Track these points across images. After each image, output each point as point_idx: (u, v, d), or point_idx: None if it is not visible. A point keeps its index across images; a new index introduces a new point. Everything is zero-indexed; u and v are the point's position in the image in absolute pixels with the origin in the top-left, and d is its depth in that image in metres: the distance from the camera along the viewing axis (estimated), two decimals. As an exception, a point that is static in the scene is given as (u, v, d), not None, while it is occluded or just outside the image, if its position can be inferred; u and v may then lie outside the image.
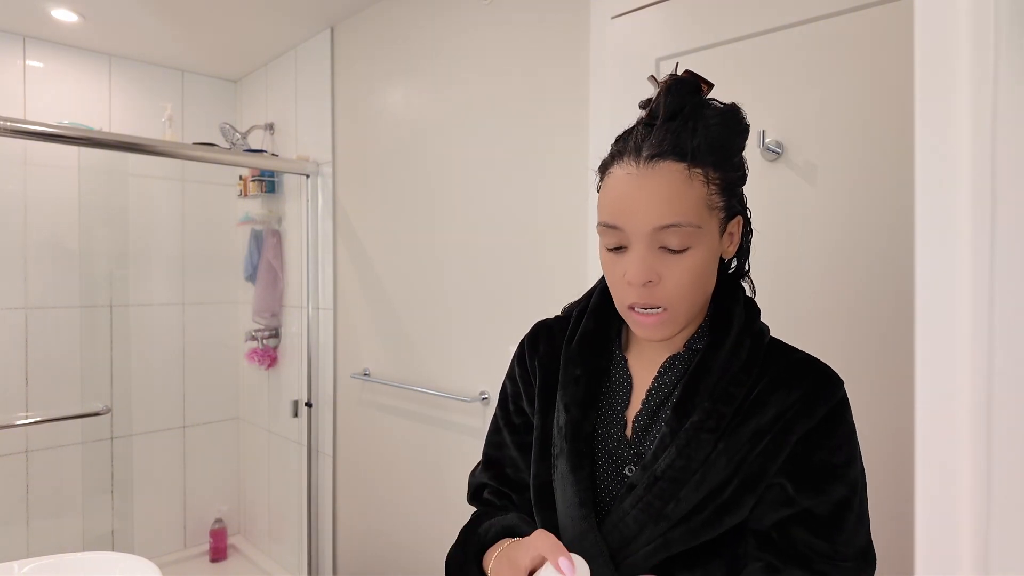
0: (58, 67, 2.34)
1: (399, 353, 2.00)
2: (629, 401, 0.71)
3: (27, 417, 2.20)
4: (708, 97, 0.68)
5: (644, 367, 0.72)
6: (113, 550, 2.08)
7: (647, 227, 0.61)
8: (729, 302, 0.70)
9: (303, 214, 2.36)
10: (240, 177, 2.60)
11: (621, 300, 0.66)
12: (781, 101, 1.12)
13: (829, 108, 1.06)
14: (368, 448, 2.13)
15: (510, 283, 1.63)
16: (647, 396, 0.70)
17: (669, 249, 0.62)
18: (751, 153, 1.14)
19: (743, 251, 0.74)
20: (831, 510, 0.62)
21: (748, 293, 0.74)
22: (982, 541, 0.45)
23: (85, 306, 2.39)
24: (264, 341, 2.56)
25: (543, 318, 0.84)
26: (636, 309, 0.65)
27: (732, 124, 0.66)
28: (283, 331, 2.57)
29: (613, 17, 1.36)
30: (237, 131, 2.49)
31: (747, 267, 0.76)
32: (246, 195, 2.56)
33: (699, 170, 0.62)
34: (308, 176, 2.31)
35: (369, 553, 2.13)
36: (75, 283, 2.36)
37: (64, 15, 2.10)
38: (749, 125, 0.68)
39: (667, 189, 0.61)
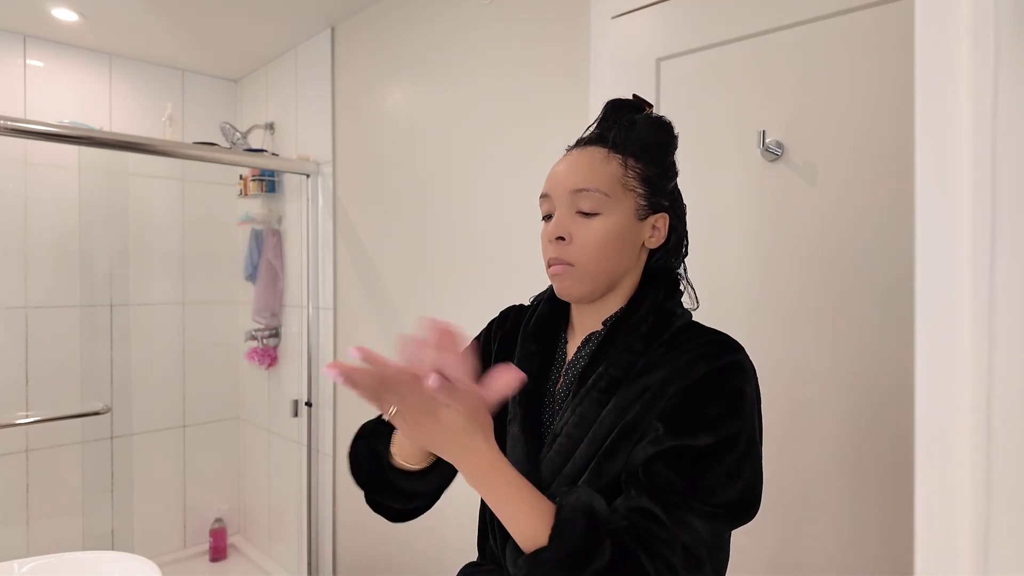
0: (58, 66, 2.34)
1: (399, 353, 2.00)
2: (560, 376, 0.78)
3: (27, 416, 2.20)
4: (650, 113, 0.78)
5: (575, 346, 0.79)
6: (113, 549, 2.08)
7: (565, 190, 0.73)
8: (648, 289, 0.76)
9: (303, 214, 2.36)
10: (240, 177, 2.60)
11: (545, 258, 0.76)
12: (781, 101, 1.12)
13: (829, 108, 1.06)
14: (368, 448, 2.12)
15: (511, 282, 1.63)
16: (565, 370, 0.77)
17: (583, 213, 0.72)
18: (751, 153, 1.15)
19: (672, 250, 0.78)
20: (693, 454, 0.63)
21: (689, 304, 0.80)
22: (982, 541, 0.45)
23: (85, 306, 2.39)
24: (264, 341, 2.56)
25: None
26: (551, 264, 0.74)
27: (656, 127, 0.76)
28: (283, 331, 2.57)
29: (613, 17, 1.36)
30: (237, 131, 2.49)
31: (680, 267, 0.81)
32: (246, 195, 2.56)
33: (618, 155, 0.73)
34: (308, 176, 2.31)
35: (369, 553, 2.13)
36: (75, 283, 2.36)
37: (64, 14, 2.10)
38: (676, 136, 0.78)
39: (587, 163, 0.73)
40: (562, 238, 0.72)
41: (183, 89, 2.65)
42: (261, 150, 2.44)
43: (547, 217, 0.76)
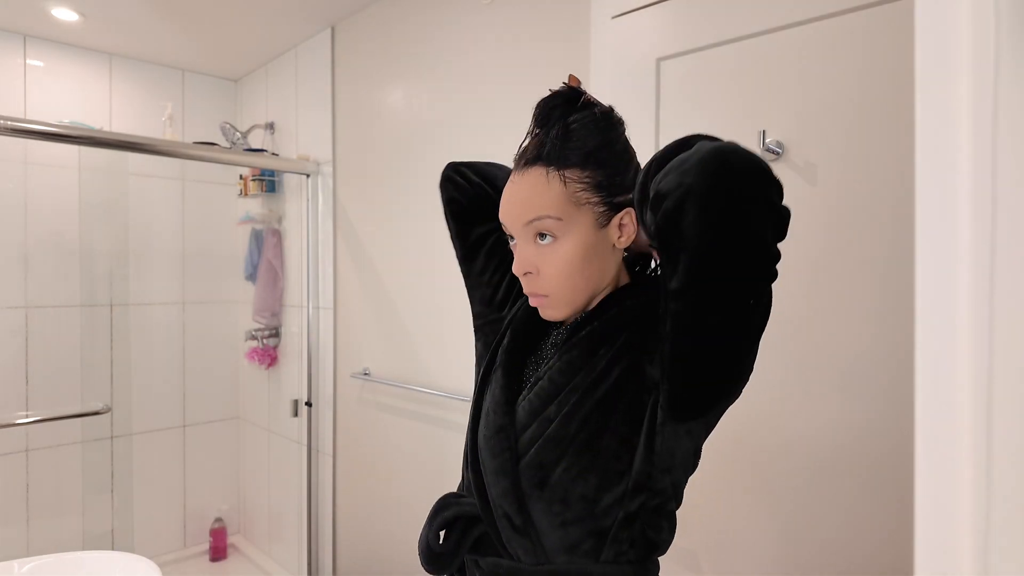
0: (59, 66, 2.34)
1: (399, 353, 2.00)
2: (550, 335, 0.80)
3: (27, 416, 2.20)
4: (586, 102, 0.73)
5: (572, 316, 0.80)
6: (113, 549, 2.08)
7: (518, 224, 0.72)
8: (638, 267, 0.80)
9: (303, 214, 2.36)
10: (240, 176, 2.60)
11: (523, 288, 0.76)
12: (781, 101, 1.12)
13: (829, 108, 1.06)
14: (368, 448, 2.13)
15: (510, 283, 1.63)
16: (556, 331, 0.79)
17: (542, 238, 0.71)
18: (751, 153, 1.15)
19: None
20: None
21: None
22: (982, 541, 0.45)
23: (85, 305, 2.39)
24: (264, 340, 2.56)
25: None
26: (529, 296, 0.75)
27: (591, 128, 0.71)
28: (283, 330, 2.57)
29: (613, 17, 1.36)
30: (237, 130, 2.49)
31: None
32: (246, 194, 2.56)
33: (558, 171, 0.70)
34: (308, 176, 2.31)
35: (369, 553, 2.13)
36: (75, 282, 2.36)
37: (64, 14, 2.10)
38: (619, 122, 0.74)
39: (529, 191, 0.71)
40: (529, 272, 0.73)
41: (183, 89, 2.65)
42: (261, 150, 2.44)
43: (512, 238, 0.76)
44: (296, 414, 2.40)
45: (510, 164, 0.79)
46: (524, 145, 0.75)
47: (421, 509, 1.92)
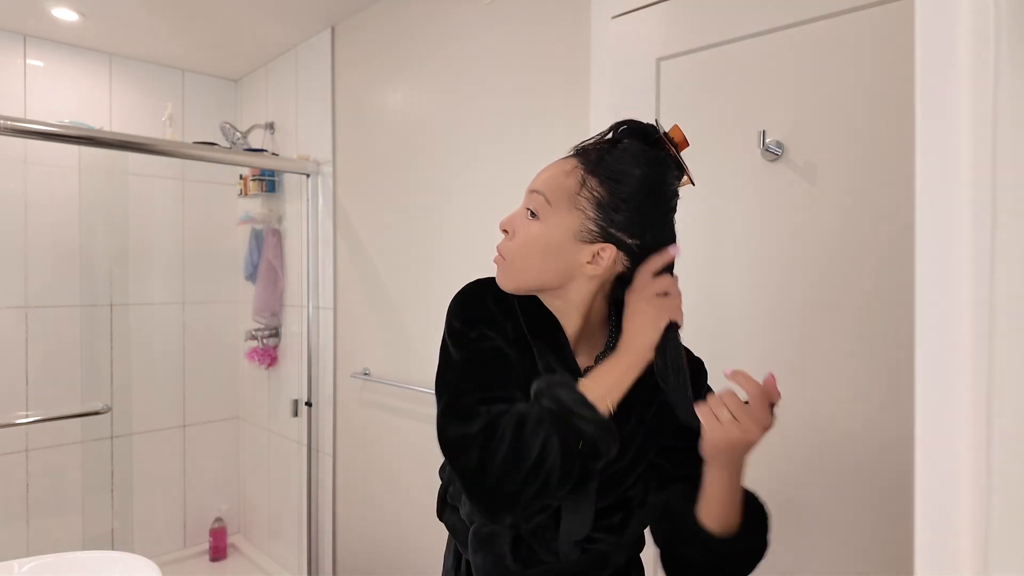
0: (59, 66, 2.34)
1: (399, 353, 2.00)
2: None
3: (27, 416, 2.20)
4: (655, 140, 0.73)
5: (584, 359, 0.81)
6: (113, 549, 2.08)
7: (528, 189, 0.76)
8: None
9: (303, 213, 2.36)
10: (240, 176, 2.60)
11: None
12: (781, 101, 1.12)
13: (829, 108, 1.06)
14: (368, 448, 2.13)
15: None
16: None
17: (530, 214, 0.75)
18: (751, 153, 1.15)
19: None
20: None
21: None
22: (982, 541, 0.45)
23: (85, 305, 2.39)
24: (264, 340, 2.56)
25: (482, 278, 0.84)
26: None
27: (631, 156, 0.71)
28: (283, 330, 2.57)
29: (613, 17, 1.36)
30: (237, 130, 2.49)
31: None
32: (246, 194, 2.56)
33: (583, 171, 0.72)
34: (308, 175, 2.31)
35: (369, 553, 2.13)
36: (75, 282, 2.36)
37: (64, 14, 2.10)
38: (662, 167, 0.71)
39: (553, 169, 0.75)
40: (506, 231, 0.77)
41: (183, 89, 2.65)
42: (261, 150, 2.44)
43: None
44: (296, 414, 2.40)
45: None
46: (582, 142, 0.78)
47: (421, 509, 1.93)
